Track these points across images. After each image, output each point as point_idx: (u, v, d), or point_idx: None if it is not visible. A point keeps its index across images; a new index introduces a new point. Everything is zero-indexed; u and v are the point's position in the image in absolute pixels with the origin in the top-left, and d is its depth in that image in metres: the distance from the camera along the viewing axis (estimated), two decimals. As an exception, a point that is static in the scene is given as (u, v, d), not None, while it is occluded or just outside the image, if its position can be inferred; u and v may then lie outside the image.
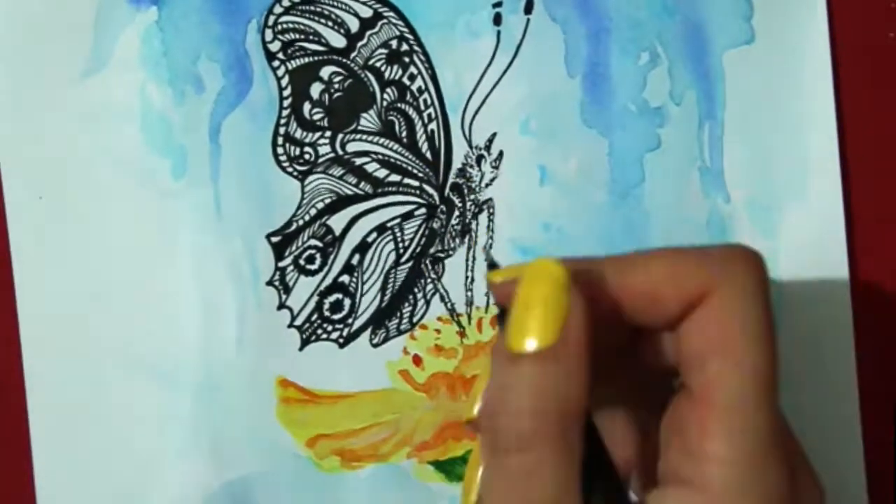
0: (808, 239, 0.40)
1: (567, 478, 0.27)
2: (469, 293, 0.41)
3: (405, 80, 0.40)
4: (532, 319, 0.28)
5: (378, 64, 0.40)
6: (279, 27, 0.40)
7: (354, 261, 0.41)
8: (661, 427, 0.30)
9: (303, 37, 0.40)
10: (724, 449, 0.27)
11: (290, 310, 0.41)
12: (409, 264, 0.41)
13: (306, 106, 0.40)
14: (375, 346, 0.41)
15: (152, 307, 0.40)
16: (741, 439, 0.27)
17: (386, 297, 0.41)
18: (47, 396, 0.40)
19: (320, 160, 0.40)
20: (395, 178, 0.41)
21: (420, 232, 0.41)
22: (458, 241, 0.41)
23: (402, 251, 0.41)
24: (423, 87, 0.40)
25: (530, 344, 0.28)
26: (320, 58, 0.40)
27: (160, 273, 0.40)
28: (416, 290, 0.41)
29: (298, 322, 0.41)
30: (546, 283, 0.28)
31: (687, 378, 0.29)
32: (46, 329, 0.40)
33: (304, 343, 0.41)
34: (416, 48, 0.40)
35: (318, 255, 0.41)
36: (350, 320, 0.41)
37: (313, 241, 0.41)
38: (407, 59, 0.40)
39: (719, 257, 0.29)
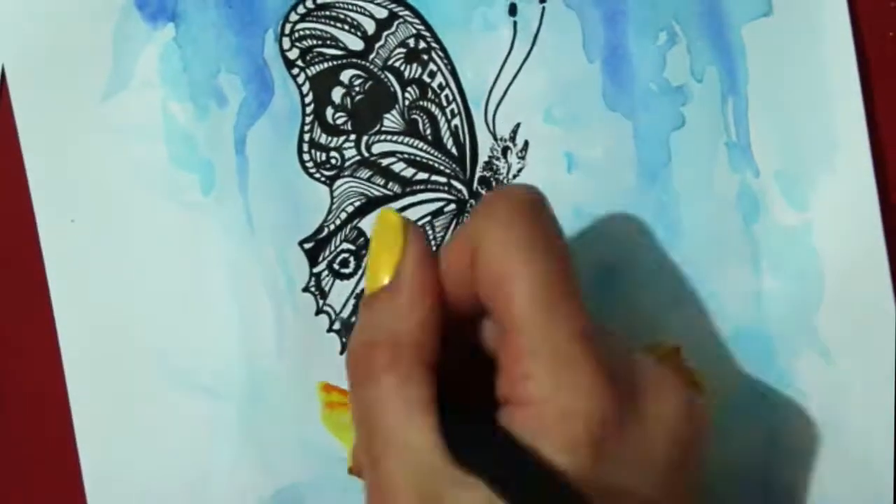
0: (840, 208, 0.40)
1: (408, 408, 0.30)
2: (505, 285, 0.41)
3: (425, 78, 0.40)
4: (372, 264, 0.32)
5: (397, 64, 0.40)
6: (296, 35, 0.40)
7: (388, 261, 0.41)
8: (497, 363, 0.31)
9: (320, 42, 0.40)
10: (525, 365, 0.29)
11: (329, 314, 0.41)
12: (443, 261, 0.41)
13: (329, 111, 0.40)
14: (416, 344, 0.41)
15: (191, 322, 0.41)
16: (538, 351, 0.29)
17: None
18: (93, 418, 0.41)
19: (347, 164, 0.41)
20: (422, 175, 0.41)
21: (452, 228, 0.41)
22: (489, 234, 0.41)
23: (434, 248, 0.41)
24: (444, 83, 0.40)
25: (371, 285, 0.32)
26: (339, 62, 0.40)
27: (196, 288, 0.41)
28: (451, 286, 0.41)
29: (337, 326, 0.41)
30: (382, 228, 0.32)
31: (493, 319, 0.31)
32: (87, 350, 0.41)
33: (345, 347, 0.41)
34: (433, 45, 0.40)
35: (351, 259, 0.41)
36: (388, 321, 0.41)
37: (346, 245, 0.41)
38: (425, 57, 0.40)
39: (480, 209, 0.32)
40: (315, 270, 0.41)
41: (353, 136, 0.41)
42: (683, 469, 0.31)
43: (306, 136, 0.40)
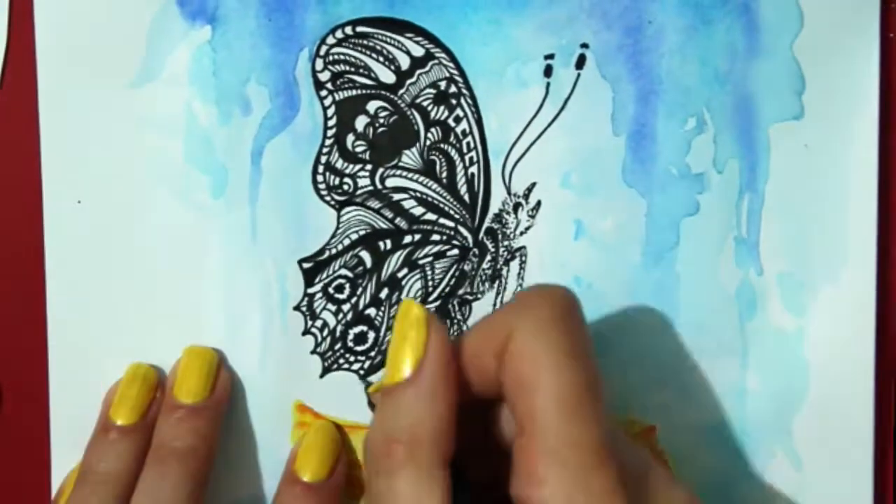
0: (836, 321, 0.40)
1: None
2: (493, 339, 0.41)
3: (450, 122, 0.40)
4: (393, 354, 0.32)
5: (425, 103, 0.40)
6: (330, 57, 0.40)
7: (383, 295, 0.41)
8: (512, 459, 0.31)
9: (353, 69, 0.40)
10: (542, 469, 0.29)
11: (315, 336, 0.41)
12: (437, 304, 0.41)
13: (349, 137, 0.40)
14: (396, 382, 0.41)
15: (179, 320, 0.41)
16: (555, 457, 0.29)
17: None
18: (70, 405, 0.41)
19: (359, 192, 0.41)
20: (431, 216, 0.41)
21: (451, 272, 0.41)
22: (487, 285, 0.41)
23: (430, 290, 0.41)
24: (468, 130, 0.40)
25: (392, 376, 0.32)
26: (368, 91, 0.40)
27: (189, 288, 0.41)
28: (441, 330, 0.41)
29: (321, 349, 0.41)
30: (404, 319, 0.32)
31: (514, 416, 0.31)
32: (73, 334, 0.41)
33: (326, 371, 0.41)
34: (464, 91, 0.40)
35: (347, 285, 0.41)
36: (373, 353, 0.41)
37: (344, 271, 0.41)
38: (454, 101, 0.40)
39: (516, 303, 0.32)
40: (310, 291, 0.41)
41: (369, 166, 0.41)
42: None
43: (323, 159, 0.40)
